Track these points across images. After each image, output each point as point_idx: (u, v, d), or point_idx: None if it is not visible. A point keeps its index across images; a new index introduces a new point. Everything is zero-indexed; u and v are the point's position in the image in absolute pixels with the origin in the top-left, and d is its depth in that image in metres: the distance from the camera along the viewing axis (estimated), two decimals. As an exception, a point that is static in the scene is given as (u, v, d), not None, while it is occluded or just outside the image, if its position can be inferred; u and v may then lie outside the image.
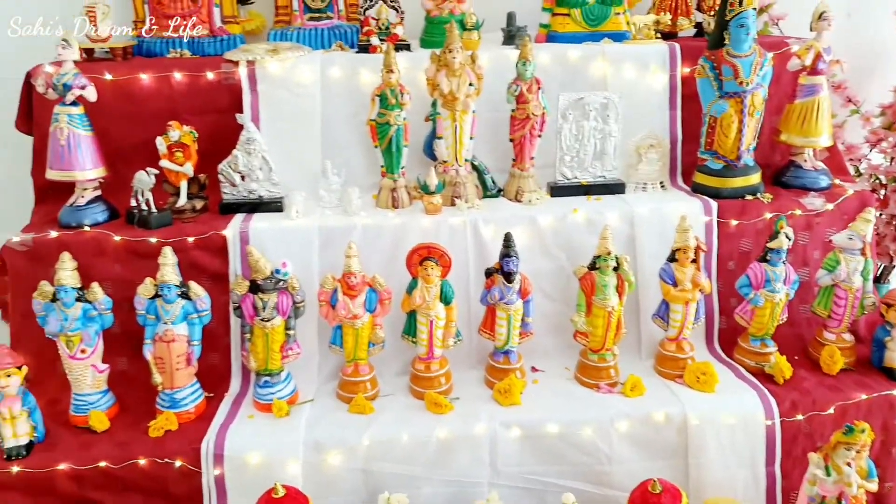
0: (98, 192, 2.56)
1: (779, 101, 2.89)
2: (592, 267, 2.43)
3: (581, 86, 2.83)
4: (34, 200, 2.77)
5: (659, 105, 2.91)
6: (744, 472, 2.36)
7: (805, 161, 2.90)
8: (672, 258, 2.48)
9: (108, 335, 2.34)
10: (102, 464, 2.15)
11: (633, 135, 2.80)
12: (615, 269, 2.42)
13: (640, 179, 2.82)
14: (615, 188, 2.79)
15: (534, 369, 2.57)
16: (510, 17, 3.01)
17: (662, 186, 2.83)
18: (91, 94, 2.46)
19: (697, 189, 2.79)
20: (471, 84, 2.60)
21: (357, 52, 2.86)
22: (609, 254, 2.39)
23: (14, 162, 3.09)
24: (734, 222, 2.66)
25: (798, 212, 2.68)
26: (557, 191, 2.76)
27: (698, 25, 3.18)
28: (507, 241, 2.37)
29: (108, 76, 2.63)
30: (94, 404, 2.29)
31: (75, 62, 2.48)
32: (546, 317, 2.58)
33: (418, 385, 2.42)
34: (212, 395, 2.42)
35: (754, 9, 2.57)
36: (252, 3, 3.09)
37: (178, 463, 2.16)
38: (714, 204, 2.66)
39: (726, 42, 2.62)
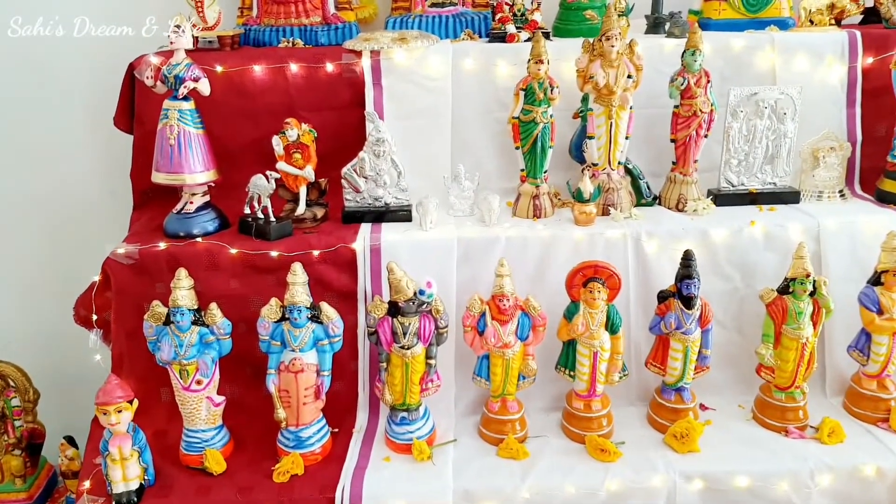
0: (207, 198, 2.28)
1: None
2: (784, 291, 2.07)
3: (744, 79, 2.47)
4: (133, 205, 2.51)
5: (835, 102, 2.53)
6: (972, 540, 1.97)
7: None
8: (876, 281, 2.10)
9: (217, 359, 2.06)
10: (224, 514, 1.86)
11: (804, 135, 2.43)
12: (811, 293, 2.05)
13: (816, 187, 2.44)
14: (788, 197, 2.41)
15: (703, 407, 2.21)
16: (656, 3, 2.66)
17: (842, 195, 2.44)
18: (205, 87, 2.18)
19: (886, 198, 2.40)
20: (629, 76, 2.26)
21: (489, 42, 2.53)
22: (808, 276, 2.02)
23: (108, 162, 2.88)
24: (938, 238, 2.26)
25: None
26: (721, 199, 2.40)
27: (867, 11, 2.78)
28: (688, 259, 2.01)
29: (219, 68, 2.35)
30: (208, 442, 2.00)
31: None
32: (717, 346, 2.21)
33: (575, 426, 2.08)
34: (336, 430, 2.12)
35: (974, -13, 2.18)
36: (365, -12, 2.80)
37: (309, 515, 1.86)
38: (915, 217, 2.28)
39: (935, 26, 2.23)
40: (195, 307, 1.95)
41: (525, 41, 2.47)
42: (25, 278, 3.09)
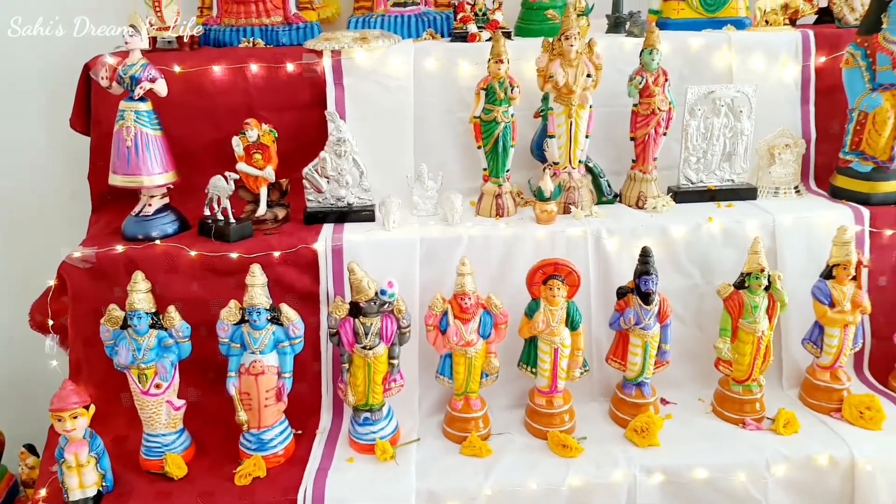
0: (166, 200, 2.25)
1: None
2: (740, 285, 2.11)
3: (702, 78, 2.51)
4: (91, 208, 2.47)
5: (789, 100, 2.58)
6: (922, 526, 2.02)
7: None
8: (828, 275, 2.15)
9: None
10: (184, 518, 1.84)
11: (760, 133, 2.47)
12: (766, 288, 2.09)
13: (772, 183, 2.48)
14: (745, 193, 2.46)
15: (664, 401, 2.24)
16: (616, 3, 2.69)
17: (797, 191, 2.49)
18: (162, 87, 2.15)
19: (839, 194, 2.45)
20: (588, 75, 2.28)
21: (451, 41, 2.54)
22: (762, 271, 2.06)
23: (65, 165, 2.83)
24: (889, 232, 2.32)
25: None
26: (680, 196, 2.43)
27: (821, 11, 2.85)
28: (646, 256, 2.04)
29: (177, 68, 2.33)
30: (168, 446, 1.98)
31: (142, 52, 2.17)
32: (677, 341, 2.23)
33: (538, 422, 2.10)
34: (300, 431, 2.11)
35: (921, -13, 2.23)
36: (327, -13, 2.79)
37: (271, 517, 1.85)
38: (866, 212, 2.33)
39: (884, 26, 2.28)
40: (153, 310, 1.92)
41: (487, 41, 2.48)
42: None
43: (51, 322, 2.10)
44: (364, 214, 2.31)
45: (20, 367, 2.88)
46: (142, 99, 2.14)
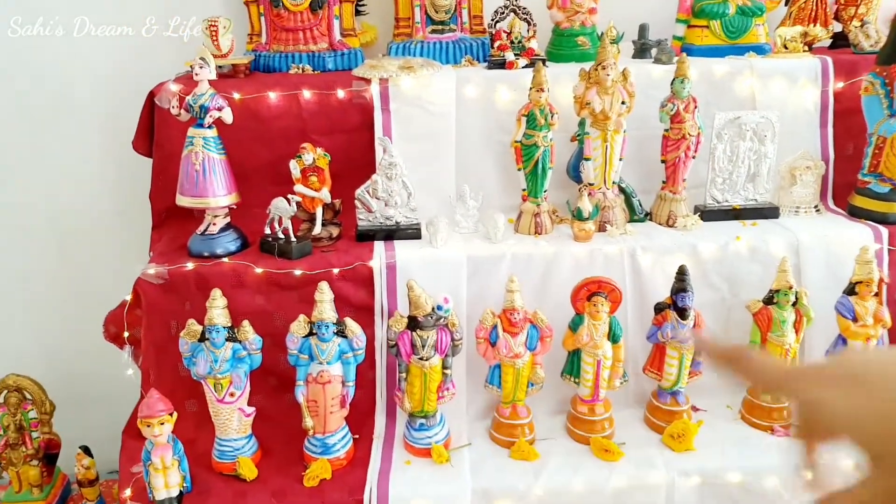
0: (228, 220, 2.39)
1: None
2: (769, 301, 2.26)
3: (726, 103, 2.66)
4: (151, 225, 2.61)
5: (809, 123, 2.73)
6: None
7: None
8: (851, 291, 2.31)
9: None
10: (260, 518, 1.99)
11: (782, 155, 2.63)
12: (793, 303, 2.24)
13: (793, 203, 2.64)
14: (768, 212, 2.61)
15: (694, 409, 2.39)
16: (642, 30, 2.84)
17: (817, 210, 2.65)
18: (228, 115, 2.29)
19: (857, 213, 2.60)
20: (623, 102, 2.43)
21: (489, 68, 2.68)
22: (790, 288, 2.21)
23: (120, 180, 2.97)
24: (905, 250, 2.48)
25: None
26: (707, 215, 2.58)
27: (836, 35, 3.00)
28: (682, 274, 2.19)
29: (236, 95, 2.47)
30: (240, 450, 2.12)
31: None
32: (706, 352, 2.40)
33: (580, 428, 2.24)
34: (357, 436, 2.25)
35: (934, 21, 2.39)
36: (366, 14, 2.93)
37: (339, 516, 2.00)
38: (884, 230, 2.48)
39: (900, 57, 2.44)
40: (228, 325, 2.07)
41: (523, 68, 2.62)
42: (37, 295, 3.16)
43: (126, 334, 2.24)
44: (410, 232, 2.45)
45: (72, 375, 3.01)
46: (209, 126, 2.29)
